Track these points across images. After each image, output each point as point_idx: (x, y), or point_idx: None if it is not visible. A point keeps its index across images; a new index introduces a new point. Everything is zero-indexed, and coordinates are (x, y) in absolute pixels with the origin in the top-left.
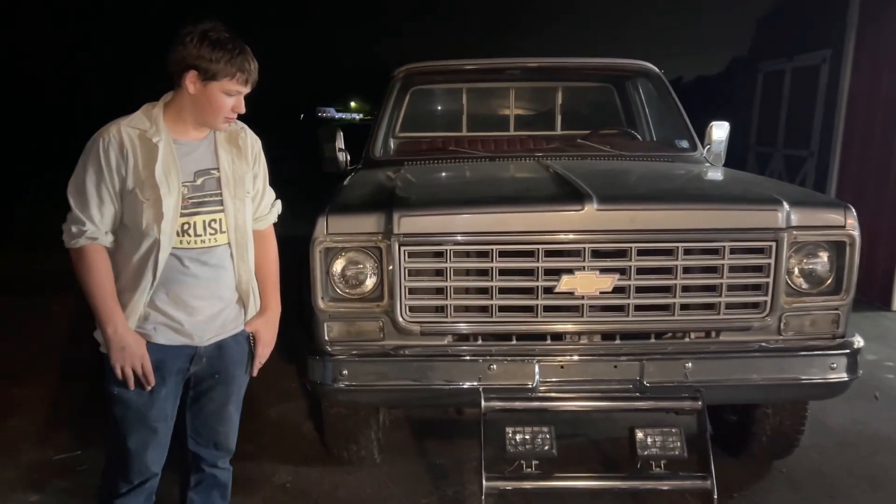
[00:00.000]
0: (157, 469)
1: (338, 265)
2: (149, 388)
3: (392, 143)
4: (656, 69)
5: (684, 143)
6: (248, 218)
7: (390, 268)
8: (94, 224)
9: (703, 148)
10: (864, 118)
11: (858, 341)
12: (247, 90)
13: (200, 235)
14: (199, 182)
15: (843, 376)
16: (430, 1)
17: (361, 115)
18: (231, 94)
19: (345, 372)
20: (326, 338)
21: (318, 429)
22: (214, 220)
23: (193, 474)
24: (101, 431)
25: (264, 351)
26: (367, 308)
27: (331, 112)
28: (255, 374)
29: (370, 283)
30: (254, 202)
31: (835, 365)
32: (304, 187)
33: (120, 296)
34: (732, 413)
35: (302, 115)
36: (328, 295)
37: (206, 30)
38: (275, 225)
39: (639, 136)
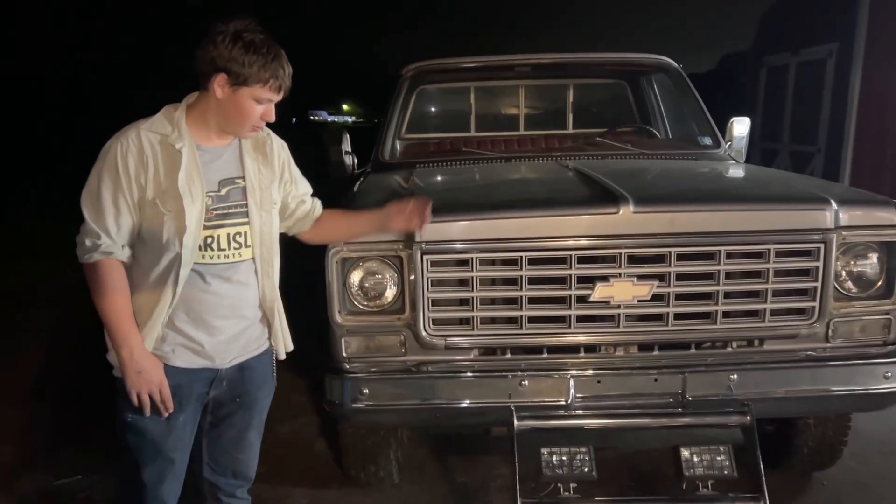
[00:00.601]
0: (172, 502)
1: (356, 276)
2: (166, 414)
3: (399, 145)
4: (675, 63)
5: (707, 140)
6: (274, 230)
7: (412, 278)
8: (109, 237)
9: (726, 144)
10: (877, 112)
11: None
12: (278, 98)
13: (224, 250)
14: (223, 192)
15: None
16: (428, 2)
17: (354, 118)
18: (261, 102)
19: (365, 391)
20: (344, 354)
21: (332, 447)
22: (239, 234)
23: None
24: (102, 455)
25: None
26: (387, 321)
27: (323, 115)
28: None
29: (390, 294)
30: (300, 206)
31: (889, 374)
32: None
33: (136, 315)
34: (770, 423)
35: (294, 119)
36: (345, 308)
37: (240, 30)
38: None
39: (657, 134)
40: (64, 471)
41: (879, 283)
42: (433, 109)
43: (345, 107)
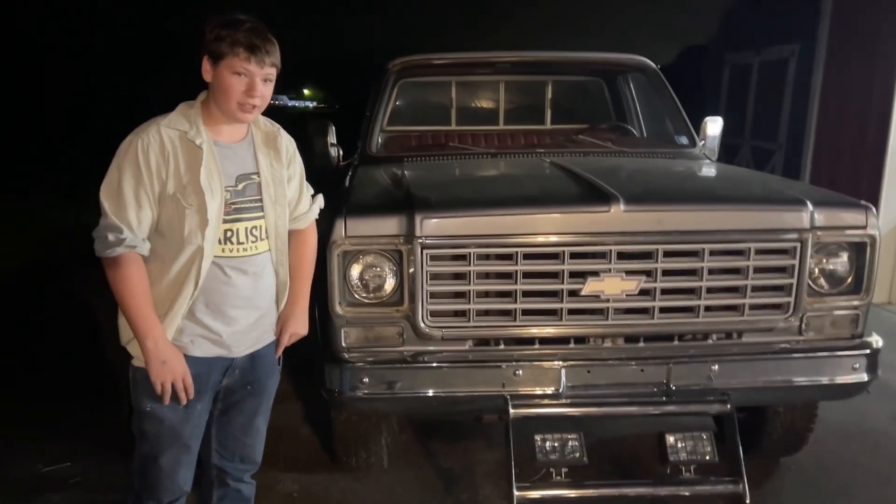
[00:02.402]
0: (187, 487)
1: (356, 269)
2: (185, 402)
3: (382, 138)
4: (652, 64)
5: (683, 139)
6: (286, 223)
7: (411, 271)
8: (131, 231)
9: (700, 143)
10: (836, 111)
11: (878, 341)
12: (255, 69)
13: (243, 243)
14: (240, 187)
15: (864, 376)
16: None
17: (315, 103)
18: (239, 73)
19: (365, 380)
20: (344, 344)
21: (318, 433)
22: (256, 227)
23: (216, 489)
24: (90, 442)
25: (292, 339)
26: (386, 313)
27: (283, 100)
28: (278, 355)
29: (389, 287)
30: (290, 204)
31: (857, 365)
32: None
33: (156, 307)
34: (741, 411)
35: None
36: (345, 300)
37: (225, 15)
38: None
39: (633, 131)
40: (52, 458)
41: (849, 280)
42: (415, 102)
43: (305, 91)
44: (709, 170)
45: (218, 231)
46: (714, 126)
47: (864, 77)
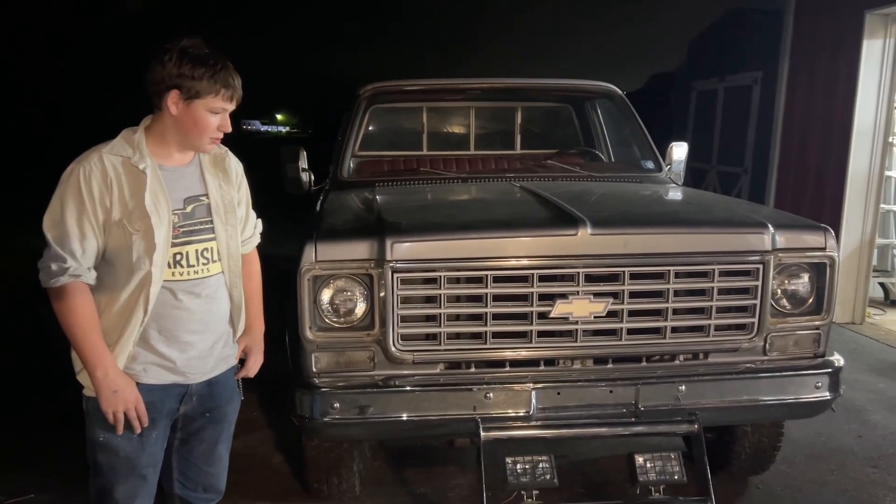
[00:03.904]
0: None
1: (326, 294)
2: (139, 431)
3: (353, 162)
4: (619, 91)
5: (650, 164)
6: (239, 244)
7: (382, 295)
8: (76, 260)
9: (666, 168)
10: (799, 136)
11: (839, 360)
12: (232, 107)
13: (193, 266)
14: (189, 209)
15: (827, 395)
16: (356, 13)
17: (288, 128)
18: (216, 112)
19: (336, 405)
20: (314, 369)
21: (289, 461)
22: (207, 249)
23: None
24: (55, 474)
25: (255, 367)
26: (356, 337)
27: (256, 125)
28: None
29: (360, 311)
30: (242, 228)
31: (819, 384)
32: None
33: (106, 335)
34: (710, 431)
35: None
36: (316, 324)
37: (186, 46)
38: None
39: (601, 156)
40: (16, 490)
41: (810, 300)
42: (386, 128)
43: (278, 117)
44: (674, 193)
45: (167, 255)
46: (679, 151)
47: (824, 102)
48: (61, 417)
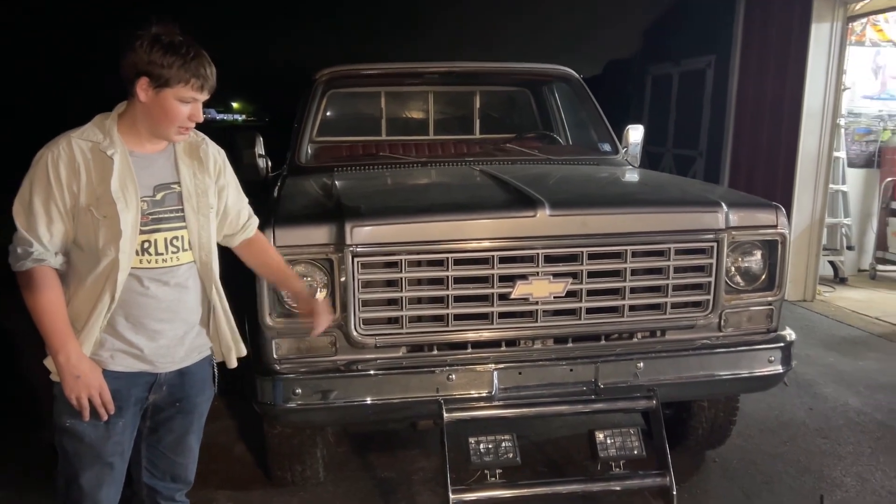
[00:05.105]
0: None
1: None
2: (106, 417)
3: (311, 148)
4: (576, 74)
5: (606, 146)
6: (212, 234)
7: (342, 280)
8: (42, 245)
9: (623, 150)
10: (751, 119)
11: (791, 334)
12: (204, 97)
13: (162, 254)
14: (158, 197)
15: (780, 369)
16: (317, 4)
17: (244, 116)
18: (186, 102)
19: (298, 391)
20: (275, 356)
21: (252, 450)
22: (177, 238)
23: None
24: (14, 470)
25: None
26: None
27: (212, 113)
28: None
29: (320, 296)
30: (228, 215)
31: (772, 358)
32: None
33: (74, 321)
34: (667, 407)
35: None
36: (276, 311)
37: (158, 33)
38: None
39: (560, 139)
40: None
41: (763, 277)
42: (344, 113)
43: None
44: (630, 175)
45: (134, 242)
46: (636, 133)
47: (775, 85)
48: (25, 410)
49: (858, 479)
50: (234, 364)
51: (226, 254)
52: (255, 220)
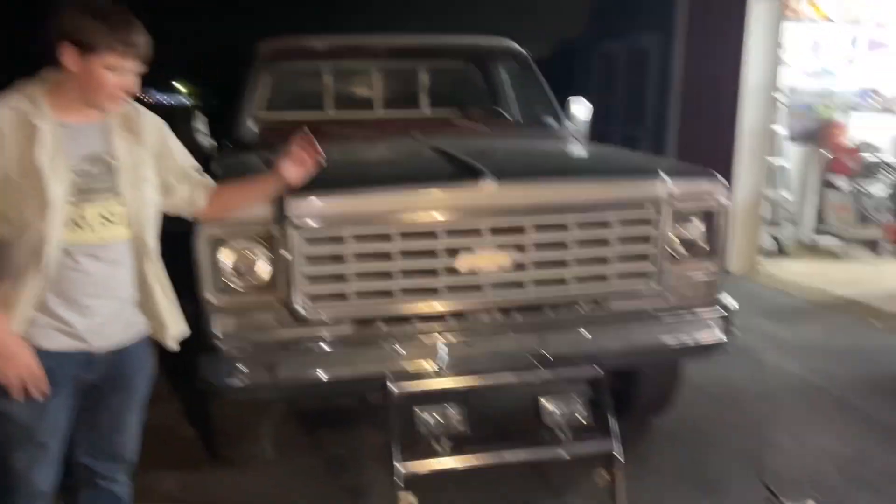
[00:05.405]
0: (47, 488)
1: (226, 255)
2: (41, 397)
3: (255, 125)
4: (521, 49)
5: (552, 121)
6: (149, 209)
7: (285, 255)
8: None
9: (567, 123)
10: (694, 95)
11: (732, 303)
12: (133, 66)
13: (93, 228)
14: (90, 169)
15: (722, 336)
16: None
17: (189, 97)
18: (114, 70)
19: (242, 369)
20: (218, 333)
21: (199, 431)
22: (111, 213)
23: (85, 490)
24: None
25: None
26: (261, 299)
27: (154, 94)
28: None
29: (263, 272)
30: (181, 180)
31: (714, 326)
32: None
33: (2, 299)
34: (613, 376)
35: None
36: (217, 287)
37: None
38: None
39: (507, 115)
40: None
41: (704, 245)
42: (288, 88)
43: (178, 86)
44: (575, 148)
45: (62, 215)
46: (579, 107)
47: (716, 61)
48: None
49: (796, 439)
50: (173, 344)
51: (165, 228)
52: (209, 178)
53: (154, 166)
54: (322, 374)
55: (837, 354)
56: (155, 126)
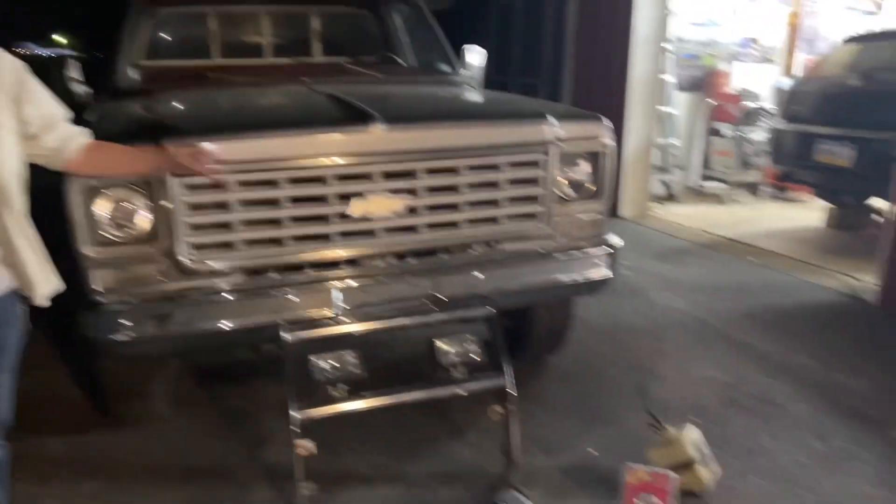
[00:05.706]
0: None
1: (102, 206)
2: None
3: (136, 73)
4: None
5: (446, 67)
6: (9, 159)
7: (165, 204)
8: None
9: (462, 71)
10: (587, 45)
11: (618, 241)
12: None
13: None
14: None
15: (609, 273)
16: None
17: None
18: None
19: (126, 323)
20: (98, 287)
21: (87, 392)
22: None
23: None
24: None
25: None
26: (142, 251)
27: (30, 47)
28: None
29: (143, 222)
30: (35, 129)
31: (601, 263)
32: None
33: None
34: (507, 317)
35: None
36: (94, 240)
37: None
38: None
39: (401, 61)
40: None
41: (590, 186)
42: (171, 35)
43: (56, 38)
44: (468, 94)
45: None
46: (473, 54)
47: (608, 12)
48: None
49: (680, 370)
50: (43, 301)
51: (35, 178)
52: (85, 130)
53: (12, 112)
54: (212, 326)
55: (719, 290)
56: (12, 68)
